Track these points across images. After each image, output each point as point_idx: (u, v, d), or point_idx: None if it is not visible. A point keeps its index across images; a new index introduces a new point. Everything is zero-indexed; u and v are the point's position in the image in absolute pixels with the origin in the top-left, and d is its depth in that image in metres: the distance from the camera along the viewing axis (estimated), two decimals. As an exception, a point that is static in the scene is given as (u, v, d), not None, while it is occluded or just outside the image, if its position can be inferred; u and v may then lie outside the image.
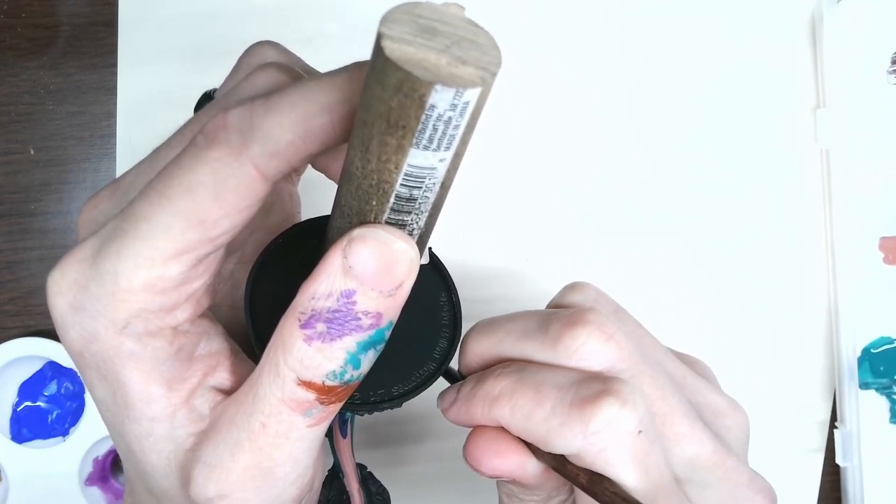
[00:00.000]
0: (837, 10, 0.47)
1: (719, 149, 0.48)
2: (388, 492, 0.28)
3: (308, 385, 0.19)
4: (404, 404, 0.23)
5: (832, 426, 0.48)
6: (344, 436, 0.25)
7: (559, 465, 0.23)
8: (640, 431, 0.21)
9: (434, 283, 0.26)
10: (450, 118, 0.16)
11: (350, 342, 0.19)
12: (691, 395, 0.26)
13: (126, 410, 0.20)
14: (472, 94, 0.15)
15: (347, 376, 0.19)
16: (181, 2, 0.44)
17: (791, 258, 0.48)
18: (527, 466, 0.23)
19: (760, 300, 0.48)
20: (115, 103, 0.44)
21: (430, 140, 0.16)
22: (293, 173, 0.30)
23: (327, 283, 0.18)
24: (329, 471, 0.27)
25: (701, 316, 0.48)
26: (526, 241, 0.47)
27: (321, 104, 0.19)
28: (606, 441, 0.21)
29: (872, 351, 0.48)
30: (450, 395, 0.25)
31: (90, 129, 0.44)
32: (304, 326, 0.19)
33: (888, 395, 0.48)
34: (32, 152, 0.44)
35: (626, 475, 0.21)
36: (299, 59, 0.25)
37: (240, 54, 0.25)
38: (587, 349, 0.23)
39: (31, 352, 0.42)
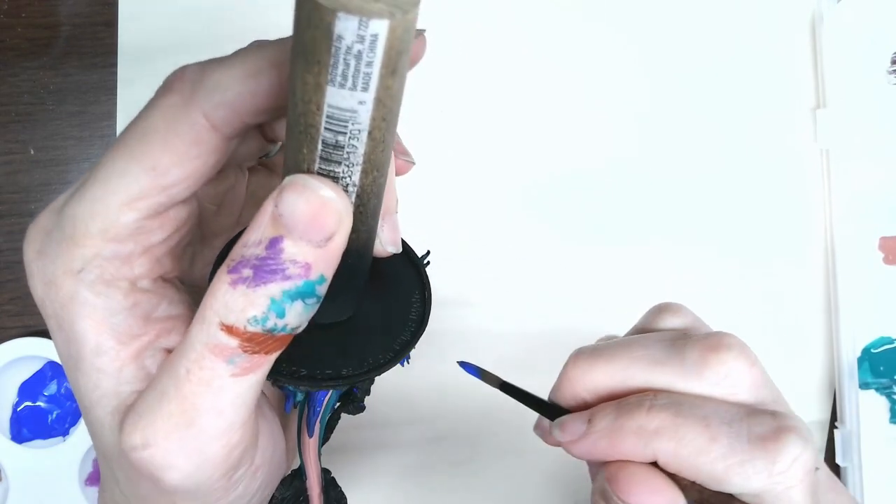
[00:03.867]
0: (837, 10, 0.47)
1: (719, 149, 0.48)
2: (346, 499, 0.28)
3: (230, 330, 0.19)
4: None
5: (832, 426, 0.48)
6: (311, 435, 0.24)
7: (723, 503, 0.22)
8: (817, 468, 0.22)
9: (410, 281, 0.25)
10: (360, 52, 0.16)
11: (275, 289, 0.19)
12: None
13: (77, 362, 0.21)
14: (378, 26, 0.15)
15: (270, 323, 0.19)
16: (181, 1, 0.44)
17: (791, 258, 0.48)
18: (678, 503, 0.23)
19: (760, 300, 0.48)
20: (115, 103, 0.44)
21: (345, 77, 0.16)
22: None
23: (258, 231, 0.19)
24: (293, 470, 0.26)
25: (700, 315, 0.48)
26: (523, 241, 0.47)
27: (269, 60, 0.20)
28: (792, 480, 0.21)
29: (872, 351, 0.48)
30: (575, 426, 0.24)
31: (90, 129, 0.44)
32: (231, 271, 0.19)
33: (888, 395, 0.48)
34: (32, 152, 0.44)
35: None
36: None
37: None
38: (735, 376, 0.22)
39: (31, 352, 0.42)
